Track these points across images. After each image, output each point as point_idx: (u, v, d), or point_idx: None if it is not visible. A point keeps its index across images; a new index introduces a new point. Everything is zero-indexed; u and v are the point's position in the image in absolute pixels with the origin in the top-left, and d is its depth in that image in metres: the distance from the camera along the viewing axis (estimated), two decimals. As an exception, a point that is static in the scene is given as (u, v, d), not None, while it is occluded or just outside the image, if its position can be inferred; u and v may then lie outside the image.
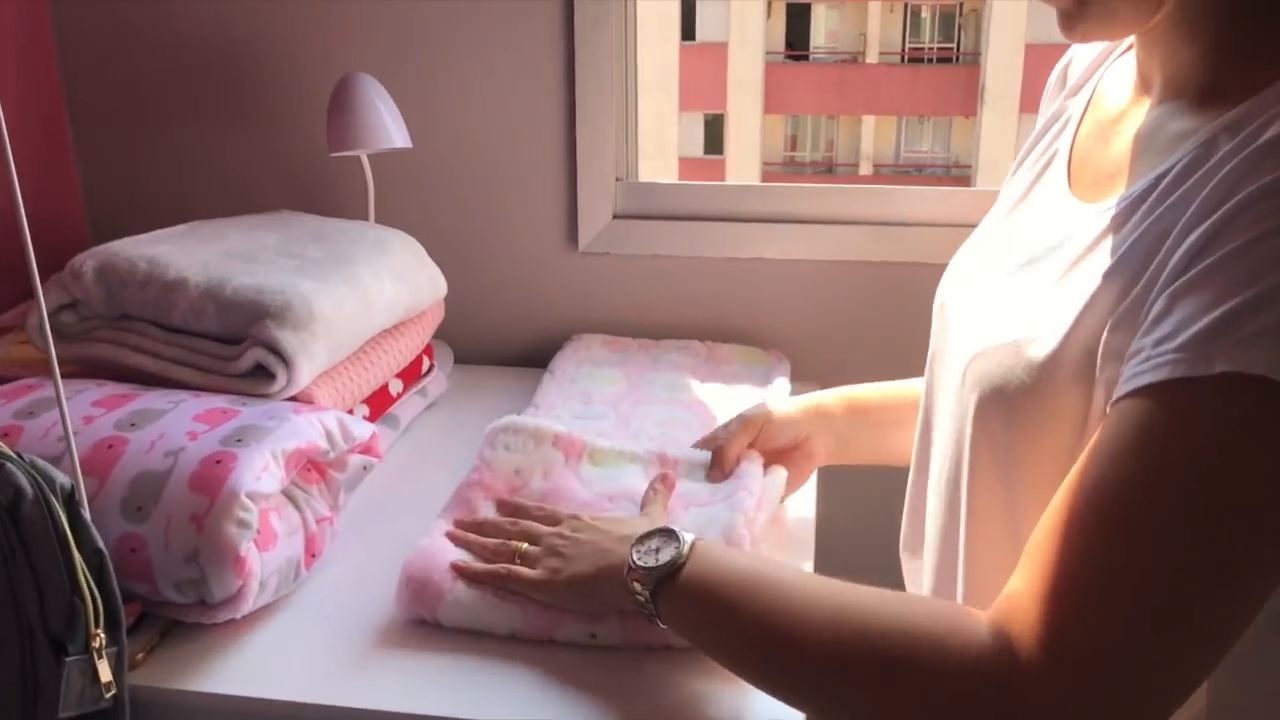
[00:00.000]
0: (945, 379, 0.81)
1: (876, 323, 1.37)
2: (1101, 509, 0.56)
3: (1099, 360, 0.63)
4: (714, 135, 15.34)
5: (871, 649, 0.61)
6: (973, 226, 1.29)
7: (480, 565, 0.87)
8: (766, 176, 15.58)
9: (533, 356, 1.43)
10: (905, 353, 1.34)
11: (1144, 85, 0.74)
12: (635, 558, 0.76)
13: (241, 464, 0.83)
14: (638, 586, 0.75)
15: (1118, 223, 0.67)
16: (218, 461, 0.83)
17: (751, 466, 0.97)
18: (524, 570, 0.85)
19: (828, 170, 16.18)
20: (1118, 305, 0.62)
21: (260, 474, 0.83)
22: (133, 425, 0.87)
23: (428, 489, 1.06)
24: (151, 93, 1.46)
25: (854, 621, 0.63)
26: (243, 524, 0.81)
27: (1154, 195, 0.64)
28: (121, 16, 1.43)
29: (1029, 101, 14.13)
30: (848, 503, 1.20)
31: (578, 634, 0.82)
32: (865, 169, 16.03)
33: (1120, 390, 0.58)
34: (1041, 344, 0.67)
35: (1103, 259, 0.66)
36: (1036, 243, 0.75)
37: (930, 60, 15.53)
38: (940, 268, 1.25)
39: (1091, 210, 0.71)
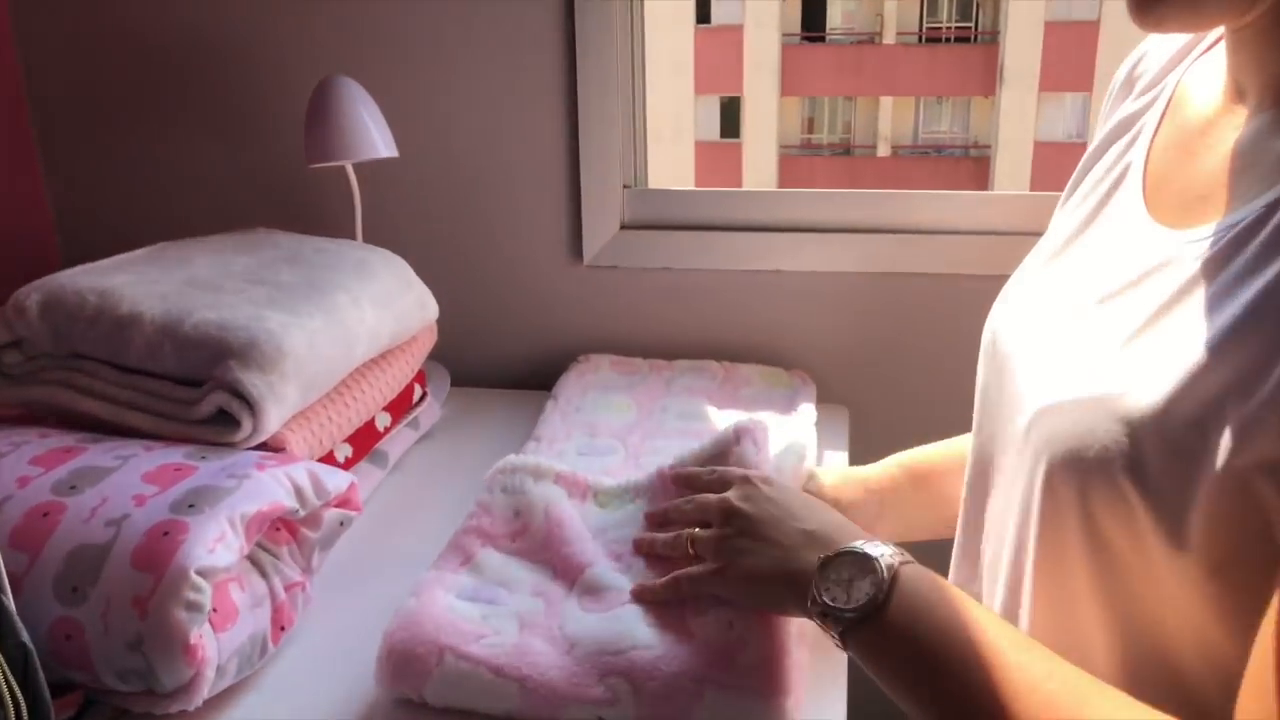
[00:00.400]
0: (1004, 433, 0.70)
1: (908, 340, 1.26)
2: None
3: (1227, 436, 0.51)
4: (730, 118, 15.23)
5: None
6: (1011, 234, 1.21)
7: (658, 583, 0.78)
8: (784, 160, 15.50)
9: (535, 378, 1.33)
10: (940, 372, 1.25)
11: (1236, 91, 0.63)
12: (821, 591, 0.65)
13: (192, 536, 0.73)
14: (826, 623, 0.65)
15: (1223, 257, 0.56)
16: (165, 533, 0.73)
17: None
18: (694, 570, 0.77)
19: (845, 152, 16.07)
20: (1257, 374, 0.51)
21: (214, 545, 0.73)
22: (72, 488, 0.77)
23: (419, 535, 0.96)
24: (121, 100, 1.37)
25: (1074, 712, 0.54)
26: (192, 606, 0.71)
27: (1269, 227, 0.54)
28: (86, 20, 1.33)
29: (1049, 80, 13.96)
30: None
31: (583, 716, 0.72)
32: (883, 150, 15.93)
33: None
34: (1136, 402, 0.56)
35: (1213, 304, 0.55)
36: (1112, 276, 0.64)
37: (948, 40, 15.37)
38: (977, 279, 1.14)
39: (1181, 239, 0.60)
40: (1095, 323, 0.63)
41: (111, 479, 0.79)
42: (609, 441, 1.10)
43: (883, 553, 0.65)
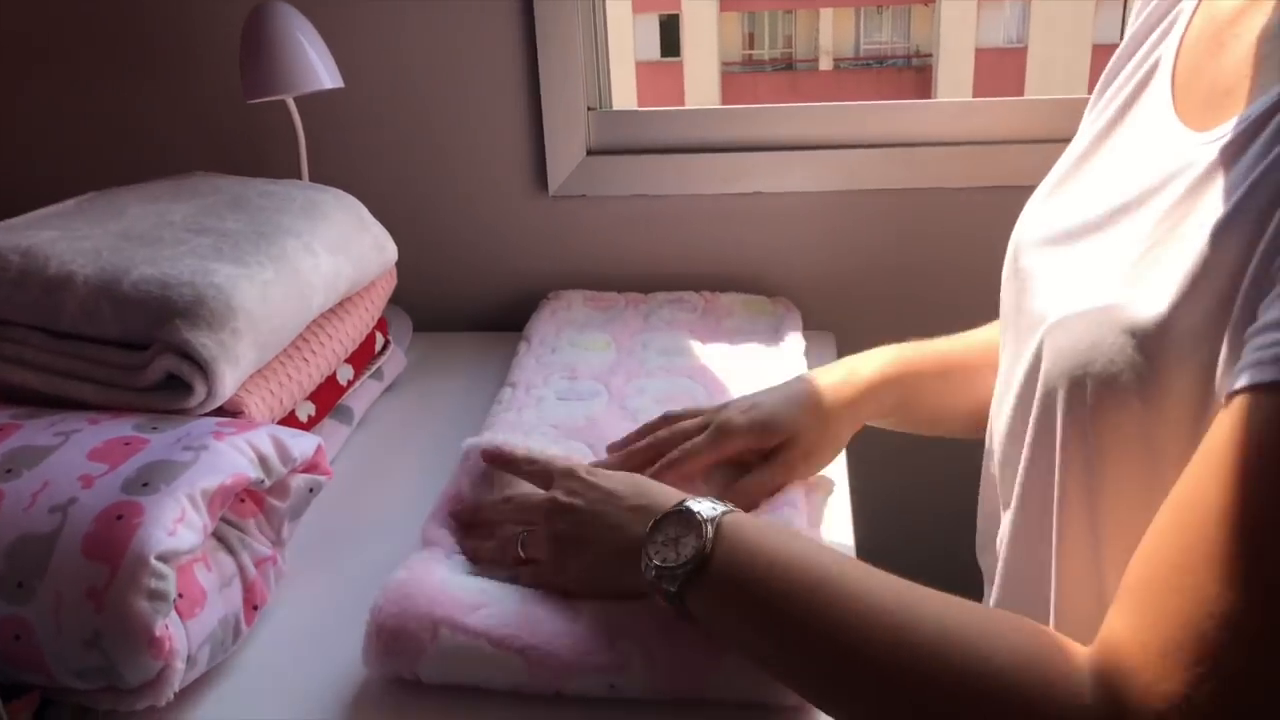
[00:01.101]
0: (1024, 353, 0.66)
1: (896, 261, 1.21)
2: (1224, 537, 0.44)
3: (1224, 342, 0.50)
4: (670, 37, 14.95)
5: (946, 685, 0.50)
6: (1004, 143, 1.16)
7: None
8: (726, 77, 15.31)
9: (504, 319, 1.27)
10: (927, 291, 1.20)
11: None
12: (651, 554, 0.63)
13: (149, 517, 0.66)
14: (660, 585, 0.62)
15: (1231, 154, 0.53)
16: (118, 517, 0.66)
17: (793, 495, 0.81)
18: (533, 572, 0.73)
19: (787, 67, 15.90)
20: (1243, 269, 0.49)
21: (175, 526, 0.66)
22: (8, 472, 0.70)
23: (393, 494, 0.91)
24: (36, 40, 1.26)
25: (926, 644, 0.51)
26: (155, 595, 0.64)
27: (1276, 121, 0.51)
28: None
29: (990, -15, 13.83)
30: (884, 487, 1.06)
31: (593, 685, 0.67)
32: (825, 64, 15.76)
33: (1239, 381, 0.46)
34: (1140, 312, 0.53)
35: (1216, 204, 0.52)
36: (1132, 182, 0.60)
37: (886, -54, 15.12)
38: (963, 192, 1.09)
39: (1199, 140, 0.57)
40: (1112, 233, 0.61)
41: (53, 459, 0.71)
42: (590, 384, 1.03)
43: (703, 507, 0.63)
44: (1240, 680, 0.42)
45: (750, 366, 1.05)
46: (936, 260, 1.19)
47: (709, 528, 0.61)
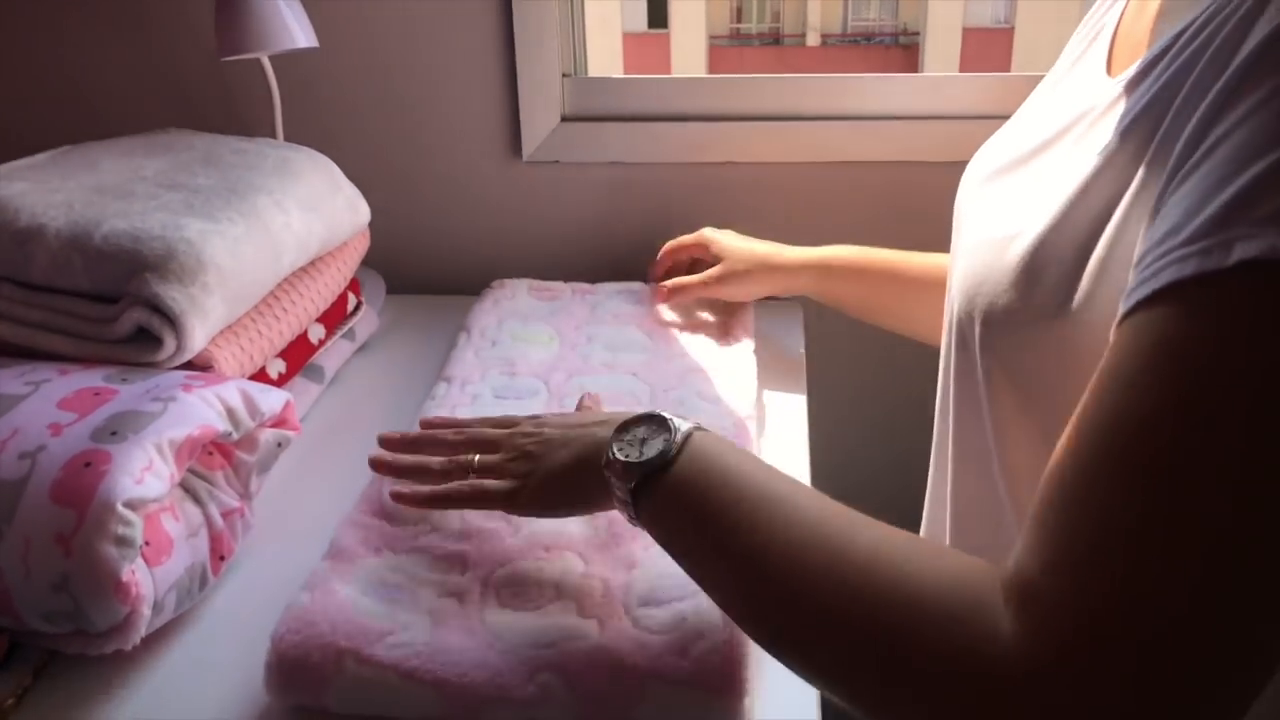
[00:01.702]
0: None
1: (870, 234, 1.21)
2: (1124, 452, 0.43)
3: (1098, 266, 0.53)
4: (657, 8, 14.83)
5: (872, 611, 0.48)
6: (966, 118, 1.17)
7: (427, 488, 0.72)
8: (713, 50, 15.20)
9: (476, 283, 1.26)
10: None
11: None
12: (615, 449, 0.63)
13: (117, 465, 0.67)
14: (616, 483, 0.62)
15: (1128, 90, 0.57)
16: (86, 464, 0.67)
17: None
18: (487, 483, 0.70)
19: (775, 42, 15.81)
20: (1118, 195, 0.53)
21: (142, 475, 0.67)
22: (-21, 420, 0.71)
23: (362, 452, 0.90)
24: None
25: (858, 570, 0.50)
26: (122, 541, 0.65)
27: (1169, 54, 0.54)
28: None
29: (978, -38, 13.78)
30: (842, 426, 1.08)
31: (512, 717, 0.63)
32: (812, 40, 15.68)
33: (1126, 303, 0.46)
34: (1021, 238, 0.56)
35: (1102, 138, 0.56)
36: (1052, 124, 0.64)
37: (877, -78, 15.04)
38: (932, 166, 1.11)
39: (1110, 83, 0.60)
40: (1029, 169, 0.64)
41: (23, 407, 0.72)
42: (529, 381, 0.98)
43: (675, 418, 0.63)
44: (1145, 586, 0.41)
45: (698, 364, 1.00)
46: (911, 234, 1.20)
47: (678, 434, 0.61)
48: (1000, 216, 0.62)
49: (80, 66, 1.27)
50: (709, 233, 1.11)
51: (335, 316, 1.05)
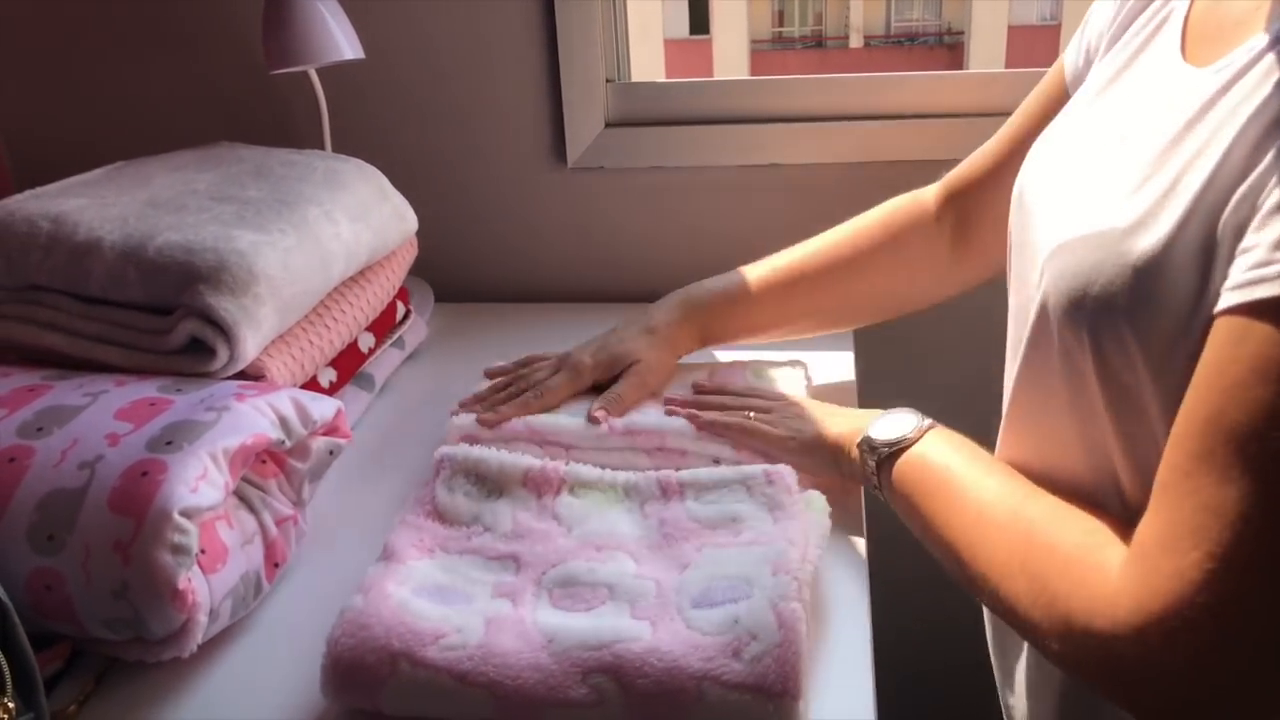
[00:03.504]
0: (1026, 279, 0.69)
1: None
2: (1224, 452, 0.50)
3: (1218, 257, 0.53)
4: (699, 14, 14.85)
5: (1028, 563, 0.60)
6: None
7: (709, 414, 0.88)
8: (754, 55, 15.19)
9: (522, 290, 1.27)
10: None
11: None
12: (871, 429, 0.78)
13: (172, 474, 0.68)
14: (866, 454, 0.77)
15: (1232, 83, 0.55)
16: (143, 473, 0.68)
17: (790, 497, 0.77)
18: (765, 427, 0.86)
19: (818, 44, 15.76)
20: (1236, 187, 0.52)
21: (197, 484, 0.68)
22: (39, 430, 0.72)
23: (413, 459, 0.92)
24: (66, 16, 1.27)
25: (1026, 535, 0.62)
26: (178, 549, 0.66)
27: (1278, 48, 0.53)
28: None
29: (1023, -40, 13.65)
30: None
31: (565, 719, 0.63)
32: (855, 41, 15.61)
33: (1232, 299, 0.50)
34: (1140, 241, 0.56)
35: (1217, 132, 0.55)
36: (1134, 117, 0.63)
37: (919, -78, 14.94)
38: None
39: (1201, 75, 0.59)
40: (1113, 164, 0.62)
41: (81, 418, 0.73)
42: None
43: (923, 414, 0.77)
44: (1235, 564, 0.48)
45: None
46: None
47: (923, 420, 0.76)
48: (1092, 211, 0.60)
49: (131, 84, 1.29)
50: (585, 361, 0.94)
51: (384, 325, 1.06)
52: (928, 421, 0.76)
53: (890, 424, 0.77)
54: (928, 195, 0.95)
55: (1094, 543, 0.58)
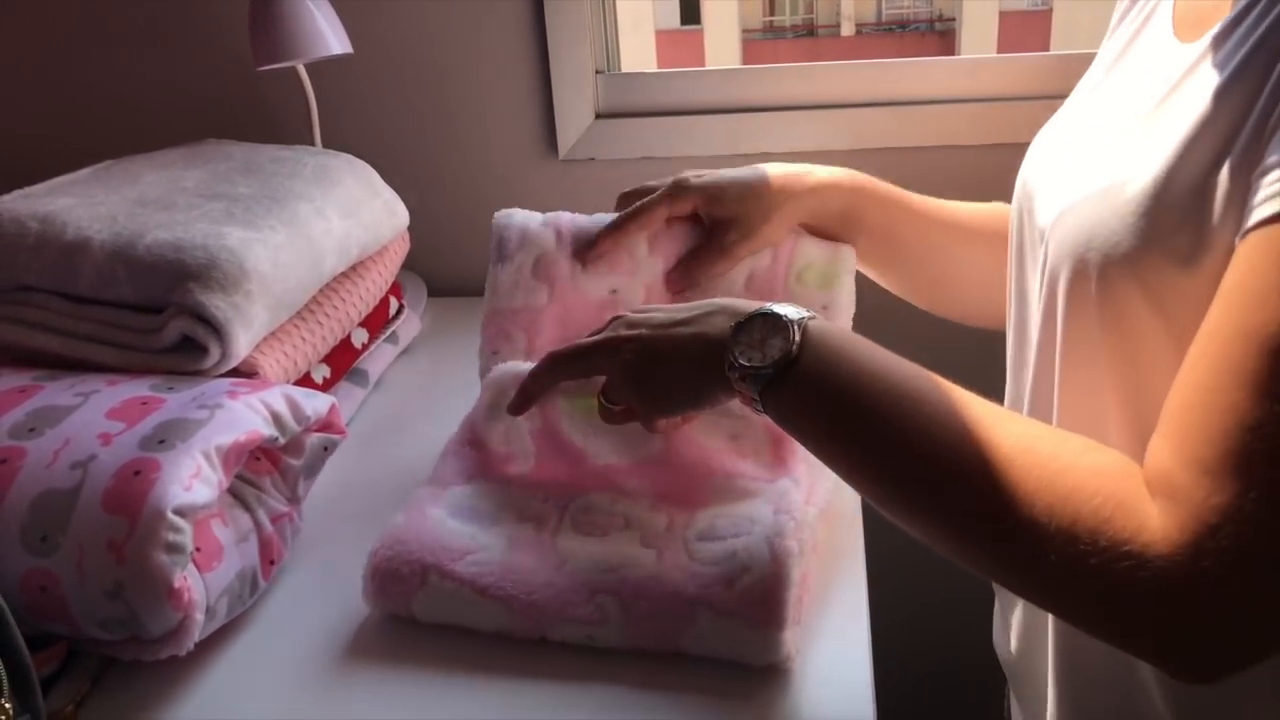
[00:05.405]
0: (1032, 259, 0.69)
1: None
2: (1254, 366, 0.47)
3: (1217, 205, 0.53)
4: (689, 5, 14.83)
5: (1028, 503, 0.51)
6: (1018, 99, 1.15)
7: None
8: (746, 45, 15.18)
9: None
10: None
11: None
12: (737, 354, 0.63)
13: (165, 473, 0.68)
14: (745, 386, 0.63)
15: (1214, 48, 0.57)
16: (136, 472, 0.68)
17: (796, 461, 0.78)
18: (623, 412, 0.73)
19: (809, 33, 15.74)
20: (1241, 122, 0.53)
21: (190, 482, 0.68)
22: (31, 431, 0.72)
23: (408, 454, 0.92)
24: (49, 11, 1.26)
25: (1008, 463, 0.53)
26: (173, 548, 0.66)
27: (1257, 10, 0.55)
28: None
29: (1013, -54, 13.63)
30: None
31: (573, 634, 0.70)
32: (847, 29, 15.59)
33: (1250, 218, 0.50)
34: (1137, 182, 0.57)
35: (1203, 86, 0.56)
36: (1129, 94, 0.66)
37: (909, -92, 14.92)
38: (981, 150, 1.07)
39: (1187, 49, 0.61)
40: (1107, 136, 0.64)
41: (73, 418, 0.73)
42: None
43: (788, 311, 0.63)
44: (1274, 490, 0.46)
45: None
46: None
47: (795, 330, 0.61)
48: (1096, 175, 0.61)
49: (119, 83, 1.29)
50: (695, 180, 0.86)
51: (378, 320, 1.06)
52: (799, 313, 0.63)
53: (757, 336, 0.63)
54: None
55: (1112, 470, 0.52)
